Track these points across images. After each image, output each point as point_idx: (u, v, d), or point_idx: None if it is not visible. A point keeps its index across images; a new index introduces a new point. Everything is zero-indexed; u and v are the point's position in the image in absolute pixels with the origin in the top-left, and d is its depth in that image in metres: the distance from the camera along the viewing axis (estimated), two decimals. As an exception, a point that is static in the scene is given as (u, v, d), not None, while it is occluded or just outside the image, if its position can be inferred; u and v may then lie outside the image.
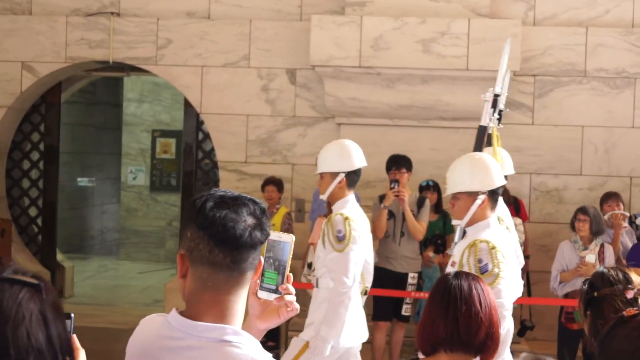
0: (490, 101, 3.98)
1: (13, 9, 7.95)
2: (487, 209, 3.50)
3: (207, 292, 1.62)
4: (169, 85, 9.27)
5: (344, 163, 4.13)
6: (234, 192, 1.68)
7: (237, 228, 1.60)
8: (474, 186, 3.47)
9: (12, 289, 1.37)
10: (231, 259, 1.61)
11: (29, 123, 8.43)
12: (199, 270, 1.62)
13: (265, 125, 7.60)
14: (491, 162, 3.61)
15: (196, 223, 1.62)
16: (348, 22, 7.10)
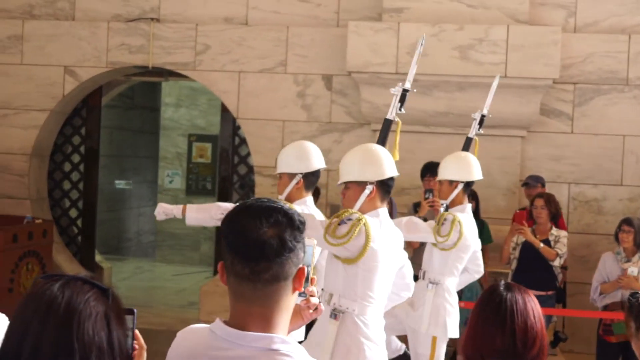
0: (398, 95, 4.08)
1: (56, 15, 8.12)
2: (377, 199, 3.55)
3: (240, 303, 1.60)
4: (206, 90, 9.37)
5: (302, 164, 4.06)
6: (270, 200, 1.62)
7: (250, 238, 1.55)
8: (363, 176, 3.52)
9: (83, 287, 1.48)
10: (250, 270, 1.56)
11: (71, 126, 8.60)
12: (229, 280, 1.61)
13: (301, 131, 7.65)
14: (383, 153, 3.65)
15: (222, 232, 1.61)
16: (385, 29, 7.12)
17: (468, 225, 4.78)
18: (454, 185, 4.80)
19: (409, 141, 7.32)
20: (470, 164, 4.85)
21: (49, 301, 1.44)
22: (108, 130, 10.74)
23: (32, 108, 8.08)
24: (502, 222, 7.08)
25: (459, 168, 4.82)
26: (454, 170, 4.82)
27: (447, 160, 4.92)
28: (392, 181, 3.61)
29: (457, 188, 4.79)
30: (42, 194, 8.45)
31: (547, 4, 7.36)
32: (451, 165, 4.85)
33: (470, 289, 6.39)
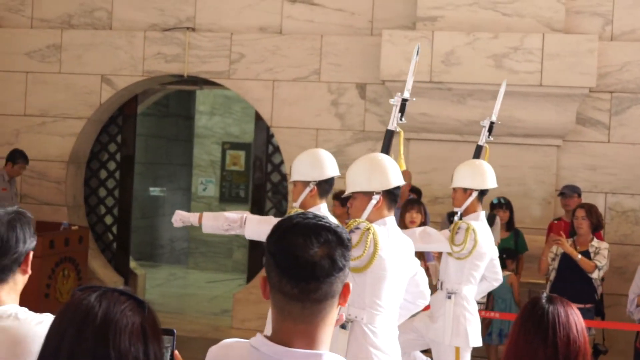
0: (398, 105, 4.06)
1: (94, 24, 8.25)
2: (384, 208, 3.56)
3: (286, 321, 1.57)
4: (240, 99, 9.44)
5: (316, 172, 4.01)
6: (316, 217, 1.60)
7: (301, 258, 1.53)
8: (369, 186, 3.53)
9: (120, 298, 1.48)
10: (299, 290, 1.54)
11: (107, 134, 8.72)
12: (275, 297, 1.58)
13: (334, 139, 7.66)
14: (389, 163, 3.63)
15: (268, 250, 1.58)
16: (419, 37, 7.11)
17: (482, 232, 4.77)
18: (468, 193, 4.77)
19: (443, 150, 7.31)
20: (484, 171, 4.83)
21: (85, 311, 1.45)
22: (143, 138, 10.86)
23: (70, 116, 8.22)
24: (537, 232, 7.02)
25: (473, 176, 4.81)
26: (468, 178, 4.81)
27: (461, 168, 4.92)
28: (398, 190, 3.61)
29: (472, 196, 4.76)
30: (79, 201, 8.58)
31: (583, 12, 7.30)
32: (465, 173, 4.84)
33: (504, 299, 6.34)
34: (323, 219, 1.60)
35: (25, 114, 8.33)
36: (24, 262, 2.15)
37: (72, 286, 7.63)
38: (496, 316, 6.16)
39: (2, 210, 2.15)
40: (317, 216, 1.61)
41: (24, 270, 2.16)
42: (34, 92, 8.31)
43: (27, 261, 2.16)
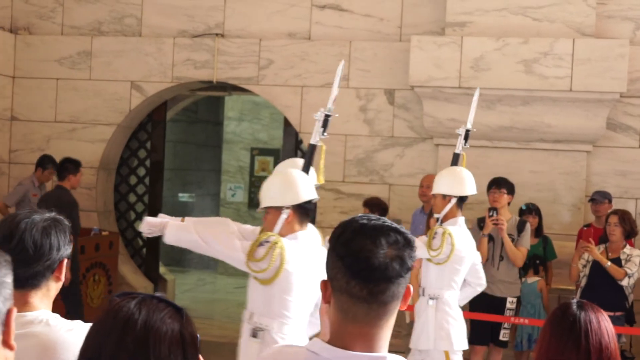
0: (321, 120, 4.09)
1: (124, 31, 8.34)
2: (295, 223, 3.63)
3: (350, 324, 1.57)
4: (268, 104, 9.48)
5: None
6: (379, 218, 1.60)
7: (373, 260, 1.53)
8: (279, 201, 3.61)
9: (159, 305, 1.50)
10: (368, 292, 1.54)
11: (136, 140, 8.80)
12: (339, 300, 1.58)
13: (363, 145, 7.66)
14: (299, 178, 3.70)
15: (335, 252, 1.58)
16: (448, 43, 7.10)
17: (461, 237, 4.87)
18: (448, 199, 4.89)
19: (472, 156, 7.25)
20: (463, 178, 4.96)
21: (125, 318, 1.46)
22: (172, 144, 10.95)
23: (100, 122, 8.31)
24: (567, 238, 6.95)
25: (452, 183, 4.93)
26: (447, 185, 4.92)
27: (441, 174, 5.07)
28: (310, 204, 3.66)
29: (450, 202, 4.88)
30: (109, 207, 8.67)
31: (614, 17, 7.23)
32: (445, 180, 4.96)
33: (533, 305, 6.30)
34: (385, 219, 1.61)
35: (55, 121, 8.43)
36: (57, 269, 2.15)
37: (102, 291, 7.71)
38: (525, 322, 6.11)
39: (38, 215, 2.14)
40: (380, 217, 1.62)
41: (57, 277, 2.16)
42: (65, 98, 8.41)
43: (61, 268, 2.16)
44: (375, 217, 1.62)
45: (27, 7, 8.59)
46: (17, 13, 8.61)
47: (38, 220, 2.11)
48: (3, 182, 8.45)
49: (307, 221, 3.69)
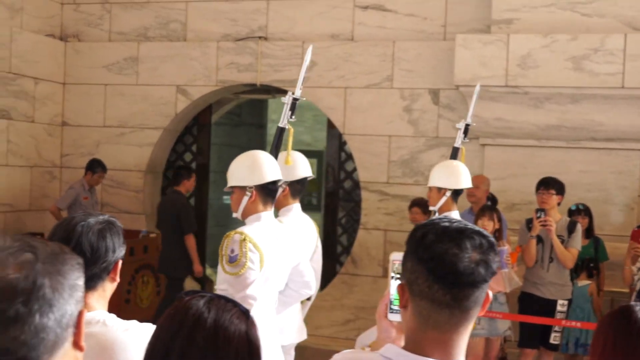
0: (289, 104, 4.21)
1: (169, 36, 8.34)
2: (258, 203, 3.67)
3: (430, 330, 1.52)
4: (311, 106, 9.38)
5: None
6: (460, 222, 1.55)
7: (459, 264, 1.47)
8: (243, 181, 3.66)
9: (226, 305, 1.58)
10: (452, 297, 1.49)
11: (182, 143, 8.80)
12: (419, 305, 1.52)
13: (407, 146, 7.51)
14: (264, 159, 3.73)
15: (416, 256, 1.52)
16: (494, 41, 6.90)
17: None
18: (442, 192, 4.88)
19: (519, 156, 7.07)
20: (459, 172, 4.95)
21: (196, 316, 1.52)
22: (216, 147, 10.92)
23: (147, 126, 8.32)
24: (619, 239, 6.69)
25: (447, 176, 4.92)
26: (442, 178, 4.92)
27: (436, 168, 5.06)
28: (273, 185, 3.69)
29: (445, 195, 4.87)
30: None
31: (666, 11, 6.95)
32: (440, 173, 4.96)
33: (582, 309, 6.07)
34: (466, 222, 1.56)
35: (104, 125, 8.48)
36: (112, 270, 2.18)
37: (151, 292, 7.70)
38: (577, 325, 5.89)
39: (93, 218, 2.17)
40: (459, 220, 1.56)
41: (112, 279, 2.19)
42: (113, 103, 8.45)
43: (116, 269, 2.20)
44: (455, 219, 1.55)
45: (76, 15, 8.65)
46: (66, 21, 8.68)
47: (93, 223, 2.15)
48: (55, 186, 8.52)
49: (271, 202, 3.72)
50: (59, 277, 1.20)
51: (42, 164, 8.36)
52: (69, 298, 1.21)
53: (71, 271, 1.23)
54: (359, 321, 7.54)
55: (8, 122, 7.83)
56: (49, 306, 1.17)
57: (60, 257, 1.23)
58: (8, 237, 1.24)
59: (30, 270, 1.17)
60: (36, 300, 1.16)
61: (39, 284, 1.17)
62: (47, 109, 8.40)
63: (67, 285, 1.21)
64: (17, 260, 1.19)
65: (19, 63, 7.91)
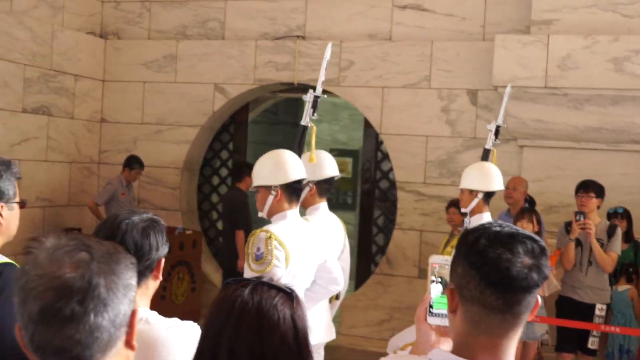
0: (310, 101, 4.30)
1: (207, 35, 8.44)
2: (283, 202, 3.73)
3: (481, 335, 1.52)
4: (347, 106, 9.43)
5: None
6: (511, 227, 1.54)
7: (512, 269, 1.47)
8: (268, 180, 3.72)
9: (270, 292, 1.62)
10: (504, 302, 1.49)
11: (219, 141, 8.90)
12: (470, 310, 1.52)
13: (444, 147, 7.52)
14: (289, 158, 3.79)
15: (467, 260, 1.51)
16: (534, 42, 6.88)
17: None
18: (474, 195, 4.87)
19: (558, 157, 7.04)
20: (491, 174, 4.94)
21: (241, 307, 1.58)
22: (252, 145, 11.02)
23: (184, 124, 8.43)
24: (660, 243, 6.63)
25: (479, 178, 4.91)
26: (474, 180, 4.91)
27: (468, 170, 5.05)
28: (298, 184, 3.75)
29: (477, 197, 4.86)
30: (192, 206, 8.79)
31: None
32: (472, 175, 4.95)
33: (623, 314, 6.03)
34: (517, 227, 1.56)
35: (142, 122, 8.61)
36: (155, 268, 2.22)
37: (186, 289, 7.82)
38: (617, 331, 5.86)
39: (137, 216, 2.21)
40: (509, 224, 1.56)
41: (155, 276, 2.23)
42: (151, 101, 8.58)
43: (159, 267, 2.23)
44: (505, 224, 1.55)
45: (116, 12, 8.80)
46: (106, 19, 8.84)
47: (137, 221, 2.19)
48: (93, 182, 8.68)
49: (296, 201, 3.78)
50: (113, 276, 1.22)
51: (81, 159, 8.53)
52: (122, 298, 1.23)
53: (125, 270, 1.25)
54: (393, 321, 7.58)
55: (48, 118, 8.00)
56: (104, 305, 1.20)
57: (115, 256, 1.25)
58: (63, 236, 1.27)
59: (85, 270, 1.20)
60: (91, 299, 1.18)
61: (94, 284, 1.19)
62: (87, 105, 8.56)
63: (121, 284, 1.23)
64: (73, 259, 1.21)
65: (60, 60, 8.08)
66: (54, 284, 1.18)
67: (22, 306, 1.22)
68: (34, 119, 7.81)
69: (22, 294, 1.22)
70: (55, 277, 1.18)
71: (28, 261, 1.24)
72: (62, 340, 1.18)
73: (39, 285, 1.19)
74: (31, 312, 1.19)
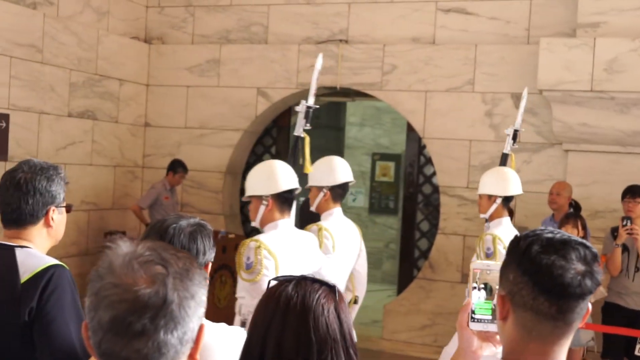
0: (303, 112, 4.39)
1: (251, 39, 8.62)
2: (275, 211, 3.80)
3: (533, 342, 1.54)
4: (390, 110, 9.52)
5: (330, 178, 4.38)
6: (563, 233, 1.57)
7: (566, 276, 1.50)
8: (259, 190, 3.80)
9: (313, 286, 1.70)
10: (557, 309, 1.51)
11: (262, 145, 9.07)
12: (522, 317, 1.54)
13: (488, 151, 7.57)
14: (279, 168, 3.87)
15: (520, 267, 1.54)
16: (580, 45, 6.90)
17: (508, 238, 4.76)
18: (493, 200, 4.92)
19: (604, 162, 7.04)
20: (508, 179, 4.97)
21: (286, 302, 1.66)
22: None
23: (227, 128, 8.62)
24: None
25: (497, 183, 4.96)
26: (492, 185, 4.96)
27: (486, 175, 5.11)
28: (289, 194, 3.81)
29: (496, 202, 4.90)
30: (235, 210, 8.96)
31: None
32: (490, 180, 4.99)
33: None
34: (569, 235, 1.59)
35: (185, 127, 8.82)
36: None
37: (228, 292, 7.98)
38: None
39: (185, 221, 2.26)
40: (560, 231, 1.60)
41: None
42: (194, 105, 8.78)
43: (207, 271, 2.26)
44: (556, 230, 1.59)
45: (161, 17, 9.03)
46: (151, 24, 9.07)
47: (185, 226, 2.23)
48: (136, 186, 8.92)
49: (288, 210, 3.86)
50: (187, 294, 1.23)
51: (125, 163, 8.76)
52: (193, 315, 1.24)
53: (198, 288, 1.26)
54: (436, 327, 7.64)
55: (93, 123, 8.25)
56: (175, 324, 1.21)
57: (190, 273, 1.25)
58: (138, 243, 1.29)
59: (161, 286, 1.21)
60: (163, 316, 1.20)
61: (168, 302, 1.20)
62: (131, 109, 8.80)
63: (193, 302, 1.24)
64: (149, 273, 1.22)
65: (104, 65, 8.32)
66: (128, 296, 1.20)
67: (93, 310, 1.23)
68: (79, 123, 8.06)
69: (94, 299, 1.23)
70: (130, 290, 1.20)
71: (102, 264, 1.26)
72: (129, 353, 1.20)
73: (113, 294, 1.21)
74: (102, 320, 1.21)
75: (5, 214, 2.52)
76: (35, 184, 2.48)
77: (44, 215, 2.51)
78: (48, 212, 2.52)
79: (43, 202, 2.50)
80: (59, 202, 2.56)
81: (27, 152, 7.27)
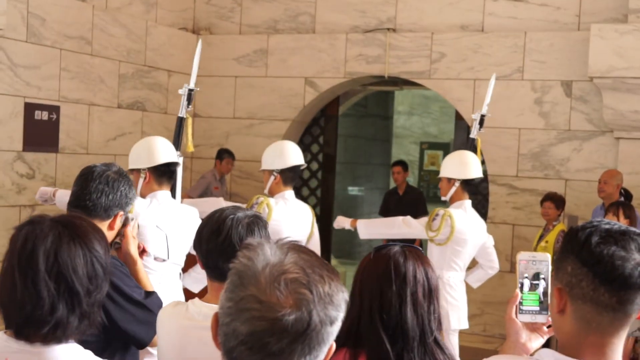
0: (185, 95, 4.97)
1: (298, 29, 8.95)
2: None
3: (592, 334, 1.59)
4: (438, 98, 9.76)
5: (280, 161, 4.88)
6: (620, 225, 1.62)
7: (626, 267, 1.53)
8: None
9: (418, 252, 2.25)
10: (617, 300, 1.55)
11: (310, 135, 9.40)
12: (581, 309, 1.58)
13: (537, 139, 7.77)
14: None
15: (579, 258, 1.58)
16: (632, 31, 7.06)
17: (462, 220, 5.18)
18: (452, 183, 5.21)
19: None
20: (468, 162, 5.25)
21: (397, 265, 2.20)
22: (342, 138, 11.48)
23: (275, 118, 8.97)
24: None
25: (457, 166, 5.24)
26: (452, 168, 5.25)
27: (447, 158, 5.43)
28: (166, 167, 4.21)
29: (455, 185, 5.19)
30: (283, 200, 9.30)
31: None
32: (450, 164, 5.30)
33: None
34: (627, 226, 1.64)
35: (234, 117, 9.19)
36: None
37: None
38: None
39: (242, 212, 2.41)
40: (617, 222, 1.65)
41: None
42: (242, 95, 9.13)
43: None
44: (613, 221, 1.65)
45: (208, 8, 9.41)
46: (199, 14, 9.46)
47: (242, 217, 2.38)
48: (186, 176, 9.31)
49: (166, 182, 4.26)
50: (327, 319, 1.25)
51: (175, 153, 9.15)
52: (327, 341, 1.26)
53: (338, 312, 1.28)
54: (485, 316, 7.90)
55: (142, 114, 8.65)
56: (310, 348, 1.24)
57: (334, 298, 1.27)
58: (276, 248, 1.30)
59: (304, 313, 1.22)
60: (301, 343, 1.22)
61: (309, 330, 1.22)
62: (179, 100, 9.11)
63: (331, 329, 1.26)
64: (294, 297, 1.23)
65: (153, 56, 8.71)
66: (270, 316, 1.21)
67: (229, 316, 1.26)
68: (129, 114, 8.46)
69: (234, 307, 1.26)
70: (274, 310, 1.22)
71: (245, 267, 1.28)
72: None
73: (255, 310, 1.23)
74: (238, 330, 1.24)
75: (81, 200, 2.76)
76: (120, 186, 2.81)
77: (113, 217, 2.79)
78: (116, 216, 2.80)
79: (118, 203, 2.79)
80: (127, 211, 2.85)
81: (77, 143, 7.70)
